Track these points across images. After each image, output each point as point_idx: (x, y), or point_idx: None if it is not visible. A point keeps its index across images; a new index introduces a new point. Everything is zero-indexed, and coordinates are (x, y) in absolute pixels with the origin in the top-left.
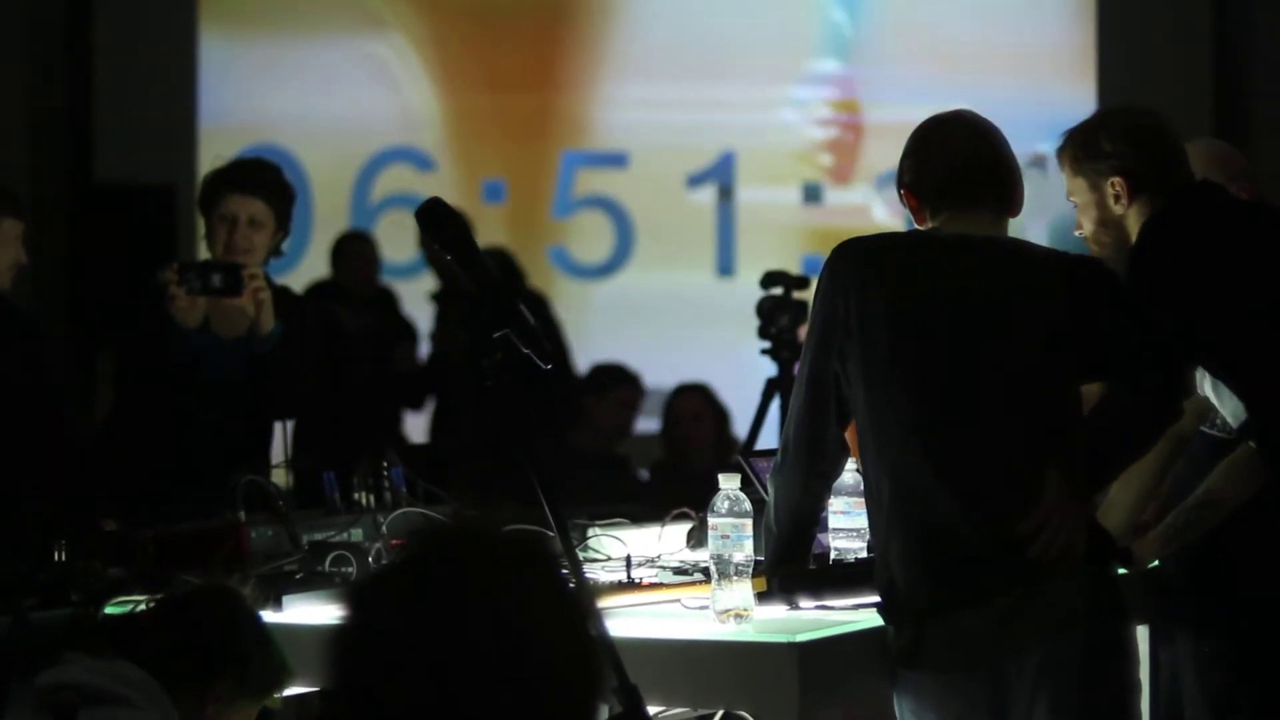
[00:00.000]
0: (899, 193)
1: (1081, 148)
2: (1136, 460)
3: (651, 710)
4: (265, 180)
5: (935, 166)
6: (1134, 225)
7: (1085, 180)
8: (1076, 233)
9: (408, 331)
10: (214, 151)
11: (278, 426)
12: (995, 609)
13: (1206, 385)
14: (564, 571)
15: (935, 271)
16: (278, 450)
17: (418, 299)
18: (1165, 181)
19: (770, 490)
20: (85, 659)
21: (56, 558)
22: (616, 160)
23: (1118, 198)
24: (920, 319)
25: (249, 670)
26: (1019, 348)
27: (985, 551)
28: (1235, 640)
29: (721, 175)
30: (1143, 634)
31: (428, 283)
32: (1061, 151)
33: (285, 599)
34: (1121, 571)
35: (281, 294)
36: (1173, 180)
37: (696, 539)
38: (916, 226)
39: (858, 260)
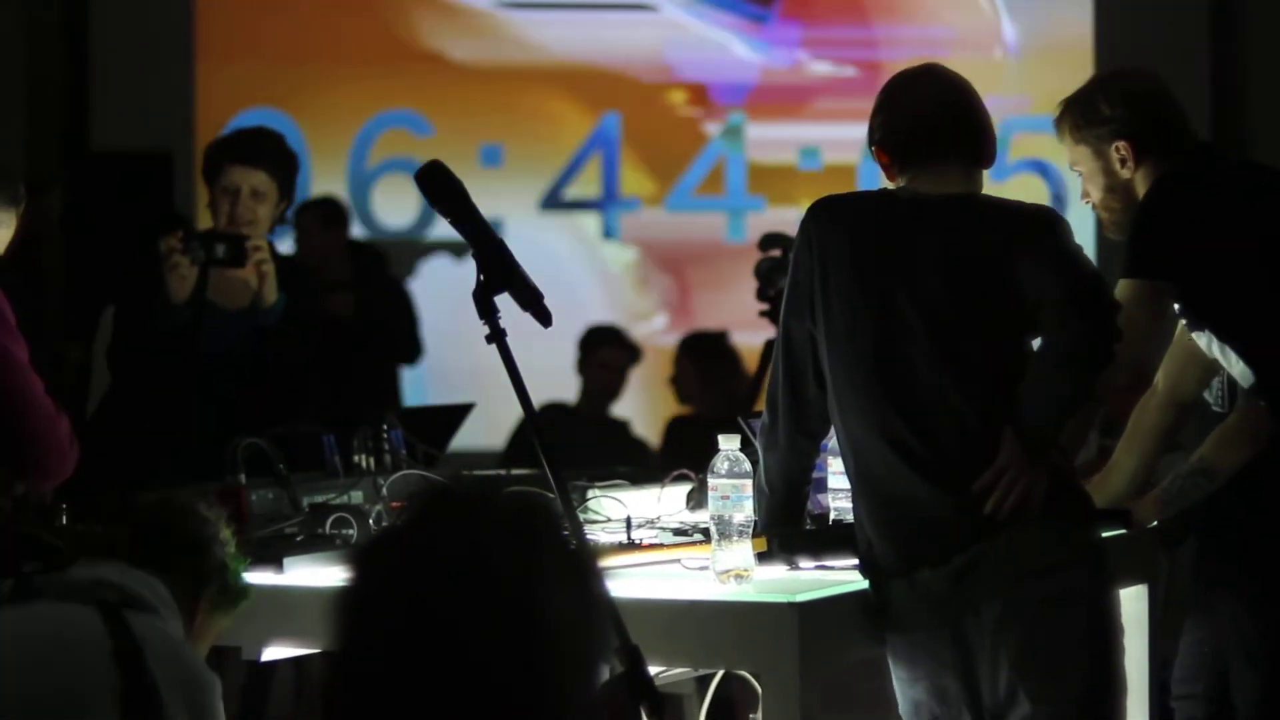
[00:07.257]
0: (870, 150)
1: (1081, 115)
2: (1075, 410)
3: (653, 670)
4: (267, 150)
5: (903, 120)
6: (1143, 188)
7: (1088, 148)
8: (1084, 200)
9: (393, 287)
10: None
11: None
12: (953, 567)
13: (1215, 348)
14: (566, 531)
15: (893, 235)
16: None
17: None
18: (1168, 142)
19: (760, 452)
20: (117, 563)
21: (58, 521)
22: None
23: (1124, 161)
24: (874, 285)
25: (226, 578)
26: (972, 309)
27: (945, 514)
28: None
29: None
30: (1141, 594)
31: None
32: (1060, 121)
33: (286, 561)
34: (1122, 531)
35: (286, 263)
36: (1175, 140)
37: (696, 500)
38: (887, 185)
39: (824, 221)
